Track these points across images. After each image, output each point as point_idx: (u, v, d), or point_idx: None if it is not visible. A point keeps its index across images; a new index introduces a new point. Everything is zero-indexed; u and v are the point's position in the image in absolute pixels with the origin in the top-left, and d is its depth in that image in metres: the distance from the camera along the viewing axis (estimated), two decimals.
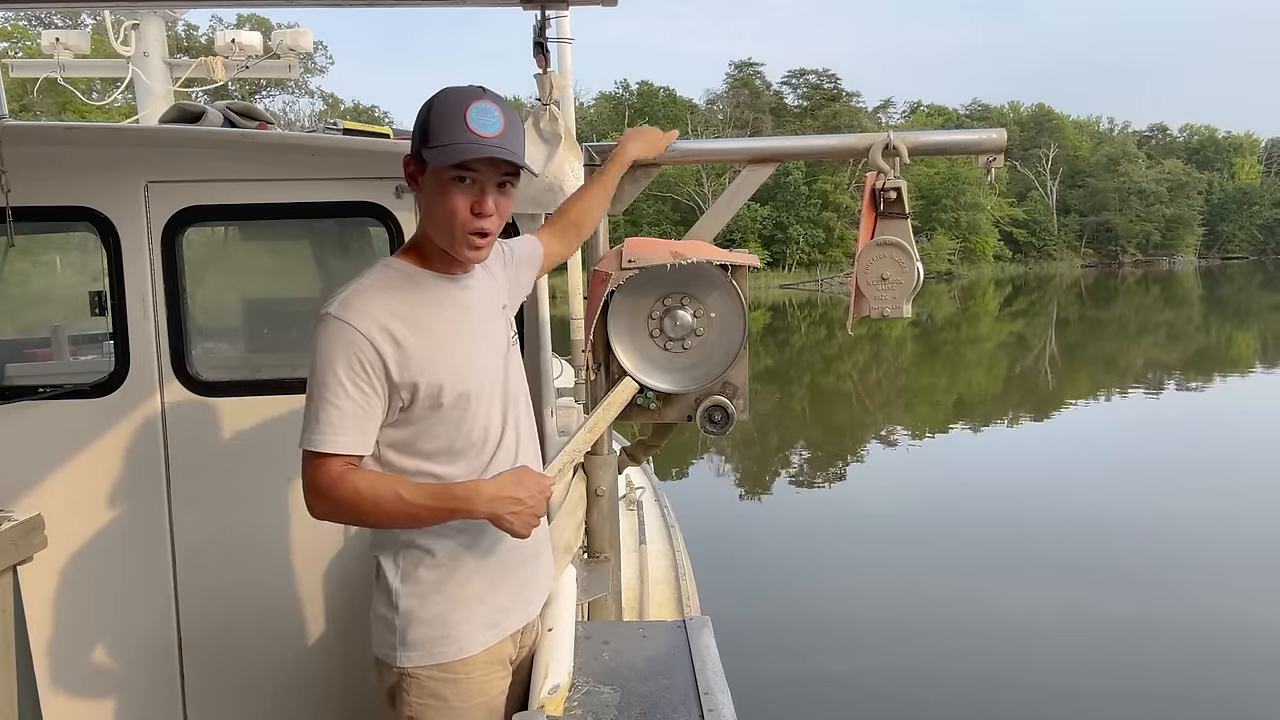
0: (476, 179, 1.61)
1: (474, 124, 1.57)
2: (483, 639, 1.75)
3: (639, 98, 60.78)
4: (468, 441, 1.71)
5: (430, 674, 1.71)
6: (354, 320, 1.58)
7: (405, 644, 1.70)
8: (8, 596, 1.91)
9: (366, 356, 1.57)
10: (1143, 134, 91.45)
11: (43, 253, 3.31)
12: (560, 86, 2.38)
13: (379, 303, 1.62)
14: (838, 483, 11.27)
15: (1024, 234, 70.46)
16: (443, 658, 1.71)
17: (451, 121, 1.58)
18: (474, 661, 1.74)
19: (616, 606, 2.63)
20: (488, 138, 1.58)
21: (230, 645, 2.75)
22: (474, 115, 1.58)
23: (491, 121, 1.59)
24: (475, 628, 1.74)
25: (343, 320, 1.58)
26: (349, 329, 1.57)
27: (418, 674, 1.71)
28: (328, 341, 1.58)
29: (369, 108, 50.78)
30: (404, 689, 1.72)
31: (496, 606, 1.77)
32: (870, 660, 6.08)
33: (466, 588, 1.73)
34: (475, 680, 1.74)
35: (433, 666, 1.71)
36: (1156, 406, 15.74)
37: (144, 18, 4.81)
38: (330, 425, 1.56)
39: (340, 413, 1.57)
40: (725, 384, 2.47)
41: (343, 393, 1.57)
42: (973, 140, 2.45)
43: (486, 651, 1.76)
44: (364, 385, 1.58)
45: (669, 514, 5.21)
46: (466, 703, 1.74)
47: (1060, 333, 29.53)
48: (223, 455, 2.70)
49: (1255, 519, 8.75)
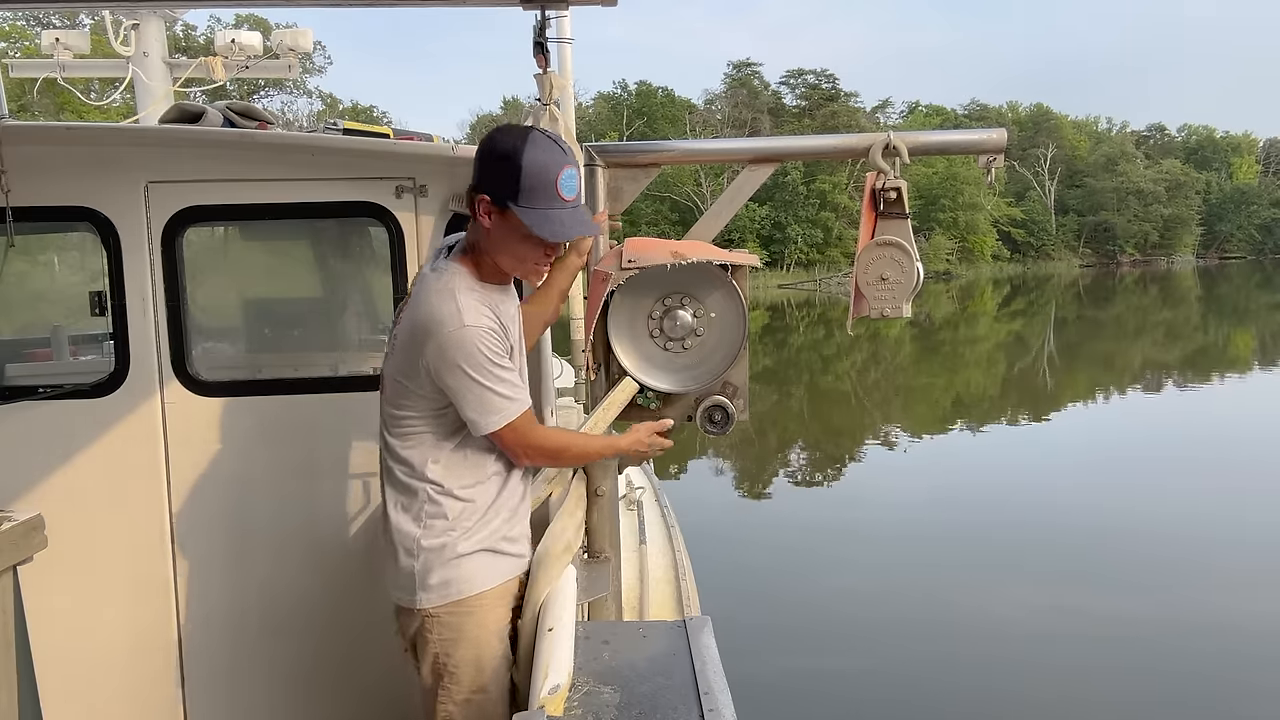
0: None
1: (564, 191, 1.86)
2: (492, 575, 1.99)
3: (637, 98, 60.79)
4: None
5: (450, 609, 1.96)
6: (477, 321, 1.86)
7: (426, 587, 1.95)
8: (8, 596, 1.92)
9: (498, 341, 1.89)
10: (1141, 134, 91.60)
11: (42, 253, 3.31)
12: (560, 86, 2.39)
13: (482, 301, 1.90)
14: (837, 483, 11.28)
15: (1022, 234, 70.53)
16: (459, 595, 1.95)
17: (545, 187, 1.84)
18: (487, 595, 1.98)
19: (616, 606, 2.63)
20: (570, 201, 1.88)
21: (230, 645, 2.75)
22: (564, 182, 1.86)
23: (574, 186, 1.89)
24: (484, 567, 1.98)
25: (473, 326, 1.85)
26: (477, 330, 1.85)
27: (438, 613, 1.96)
28: (470, 345, 1.84)
29: (367, 107, 50.78)
30: (426, 629, 1.98)
31: (503, 551, 2.02)
32: (870, 660, 6.08)
33: (475, 536, 1.97)
34: (488, 610, 1.99)
35: (451, 604, 1.95)
36: (1155, 406, 15.76)
37: (144, 18, 4.80)
38: (505, 398, 1.89)
39: (507, 382, 1.90)
40: (725, 384, 2.47)
41: (500, 369, 1.88)
42: (973, 140, 2.45)
43: (496, 588, 2.00)
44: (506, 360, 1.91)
45: (669, 514, 5.20)
46: (482, 631, 1.99)
47: (1058, 333, 29.56)
48: (223, 455, 2.70)
49: (1256, 519, 8.75)
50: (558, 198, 1.85)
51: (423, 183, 2.64)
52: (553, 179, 1.84)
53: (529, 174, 1.83)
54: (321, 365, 2.83)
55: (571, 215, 1.89)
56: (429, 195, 2.65)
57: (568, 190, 1.86)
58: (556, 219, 1.86)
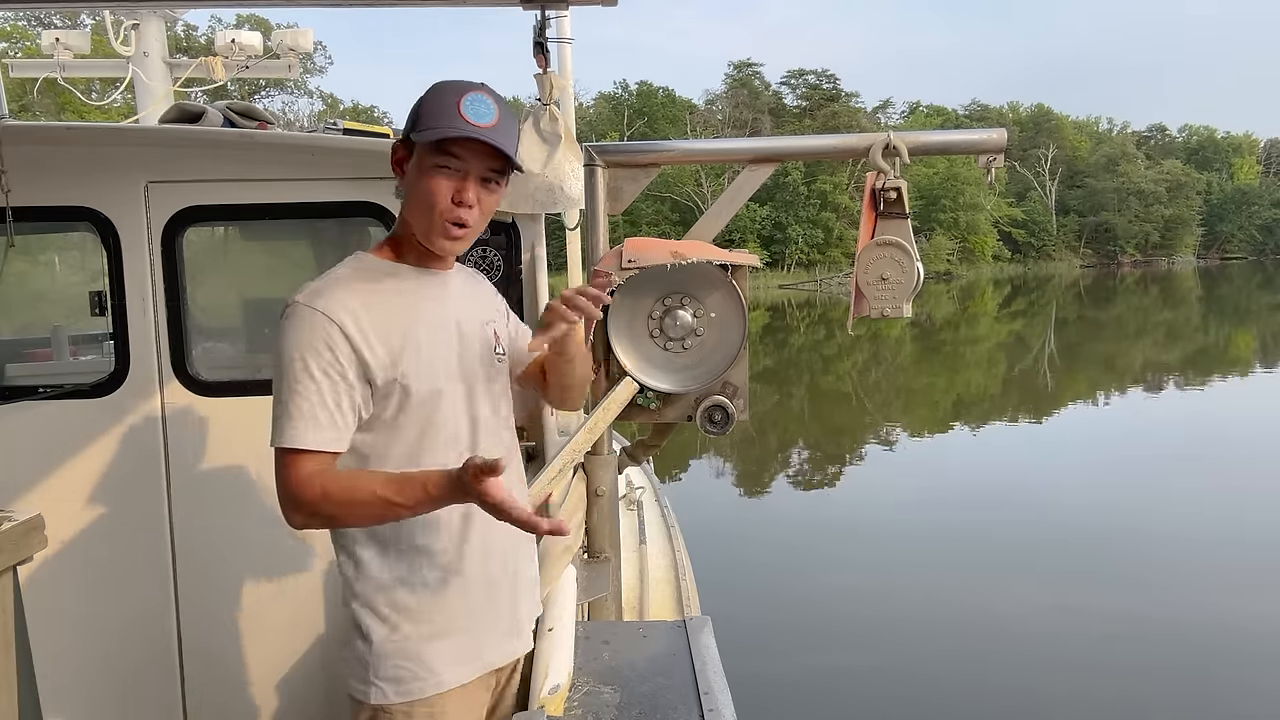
0: (462, 167, 1.54)
1: (467, 112, 1.51)
2: (461, 673, 1.64)
3: (638, 98, 60.82)
4: (434, 443, 1.60)
5: (405, 710, 1.60)
6: (323, 307, 1.50)
7: (379, 678, 1.59)
8: (8, 596, 1.91)
9: (337, 344, 1.49)
10: (1141, 134, 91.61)
11: (42, 253, 3.31)
12: (560, 86, 2.38)
13: (350, 290, 1.54)
14: (837, 482, 11.27)
15: (1023, 234, 70.52)
16: (419, 694, 1.59)
17: (445, 108, 1.52)
18: (450, 696, 1.62)
19: (616, 606, 2.64)
20: (480, 126, 1.51)
21: (230, 645, 2.75)
22: (468, 104, 1.52)
23: (485, 112, 1.53)
24: (451, 661, 1.62)
25: (311, 307, 1.50)
26: (319, 315, 1.49)
27: (394, 711, 1.60)
28: (295, 330, 1.49)
29: (368, 108, 50.86)
30: None
31: (475, 639, 1.66)
32: (870, 660, 6.08)
33: (442, 618, 1.62)
34: (454, 713, 1.63)
35: (409, 703, 1.59)
36: (1156, 406, 15.74)
37: (144, 18, 4.80)
38: (300, 417, 1.46)
39: (311, 404, 1.47)
40: (725, 384, 2.47)
41: (312, 384, 1.47)
42: (973, 140, 2.45)
43: (466, 686, 1.65)
44: (335, 374, 1.49)
45: (669, 514, 5.20)
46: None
47: (1059, 333, 29.54)
48: (223, 455, 2.70)
49: (1257, 519, 8.75)
50: (459, 117, 1.50)
51: None
52: (455, 99, 1.52)
53: (429, 99, 1.55)
54: None
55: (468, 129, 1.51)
56: None
57: (475, 114, 1.51)
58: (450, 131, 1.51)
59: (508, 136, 1.57)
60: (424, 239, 1.60)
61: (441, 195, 1.54)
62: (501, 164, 1.57)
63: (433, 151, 1.53)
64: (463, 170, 1.54)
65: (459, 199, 1.55)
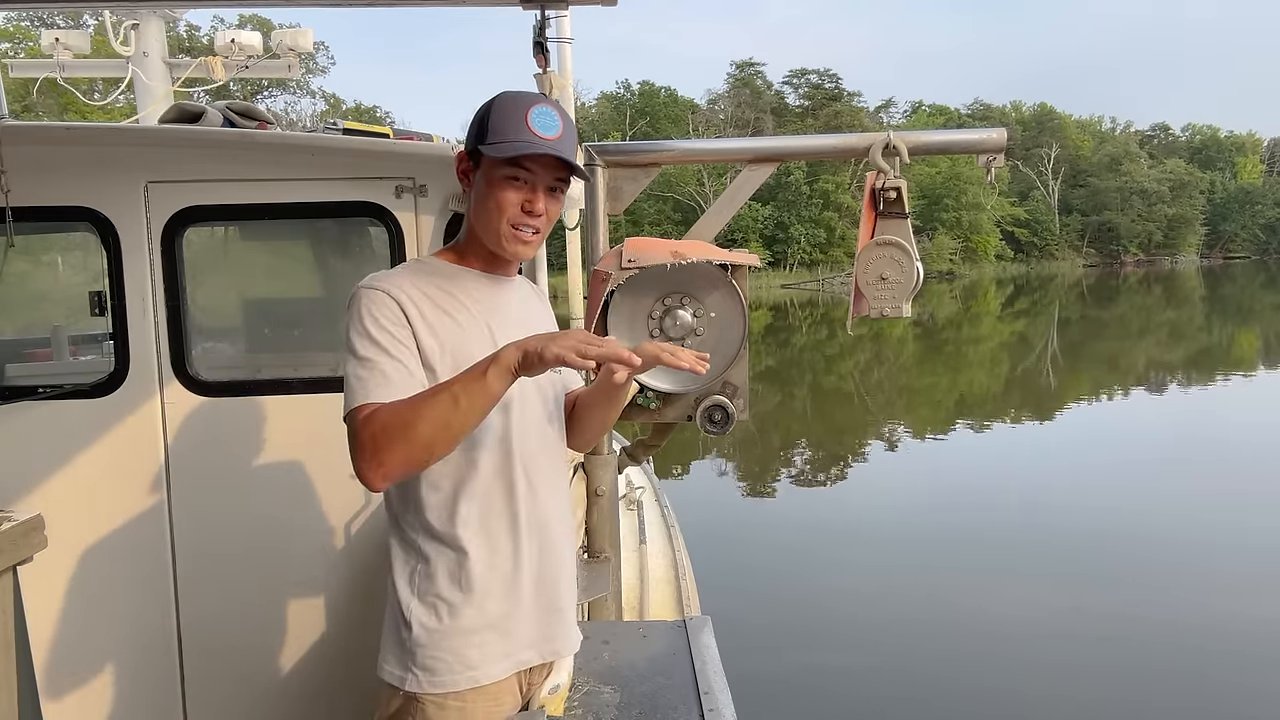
0: (531, 179, 1.61)
1: (534, 125, 1.59)
2: (494, 670, 1.65)
3: (640, 98, 60.87)
4: (473, 442, 1.62)
5: (439, 701, 1.62)
6: (383, 286, 1.58)
7: (416, 666, 1.61)
8: (8, 596, 1.91)
9: (394, 315, 1.56)
10: (1145, 133, 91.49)
11: (43, 253, 3.31)
12: (560, 86, 2.38)
13: (410, 280, 1.62)
14: (839, 483, 11.26)
15: (1025, 234, 70.48)
16: (454, 685, 1.62)
17: (513, 121, 1.59)
18: (486, 691, 1.65)
19: (616, 606, 2.64)
20: (548, 140, 1.59)
21: (230, 645, 2.75)
22: (535, 117, 1.59)
23: (551, 125, 1.60)
24: (488, 658, 1.64)
25: (372, 287, 1.58)
26: (377, 293, 1.57)
27: (425, 700, 1.62)
28: (359, 308, 1.56)
29: (370, 108, 50.87)
30: (409, 714, 1.64)
31: (513, 638, 1.67)
32: (870, 660, 6.07)
33: (484, 615, 1.63)
34: (484, 709, 1.65)
35: (442, 694, 1.62)
36: (1158, 407, 15.72)
37: (144, 18, 4.81)
38: (370, 378, 1.51)
39: (380, 366, 1.52)
40: (725, 384, 2.47)
41: (378, 348, 1.53)
42: (973, 140, 2.45)
43: (499, 683, 1.66)
44: (400, 338, 1.55)
45: (669, 514, 5.21)
46: None
47: (1062, 332, 29.51)
48: (223, 455, 2.70)
49: (1258, 522, 8.73)
50: (527, 129, 1.58)
51: (423, 182, 2.64)
52: (523, 112, 1.59)
53: (497, 112, 1.61)
54: (321, 365, 2.82)
55: (539, 144, 1.58)
56: (429, 195, 2.65)
57: (541, 127, 1.58)
58: (523, 148, 1.57)
59: (571, 147, 1.65)
60: (495, 246, 1.66)
61: (512, 205, 1.62)
62: (566, 173, 1.65)
63: (503, 164, 1.60)
64: (532, 182, 1.62)
65: (529, 208, 1.63)
